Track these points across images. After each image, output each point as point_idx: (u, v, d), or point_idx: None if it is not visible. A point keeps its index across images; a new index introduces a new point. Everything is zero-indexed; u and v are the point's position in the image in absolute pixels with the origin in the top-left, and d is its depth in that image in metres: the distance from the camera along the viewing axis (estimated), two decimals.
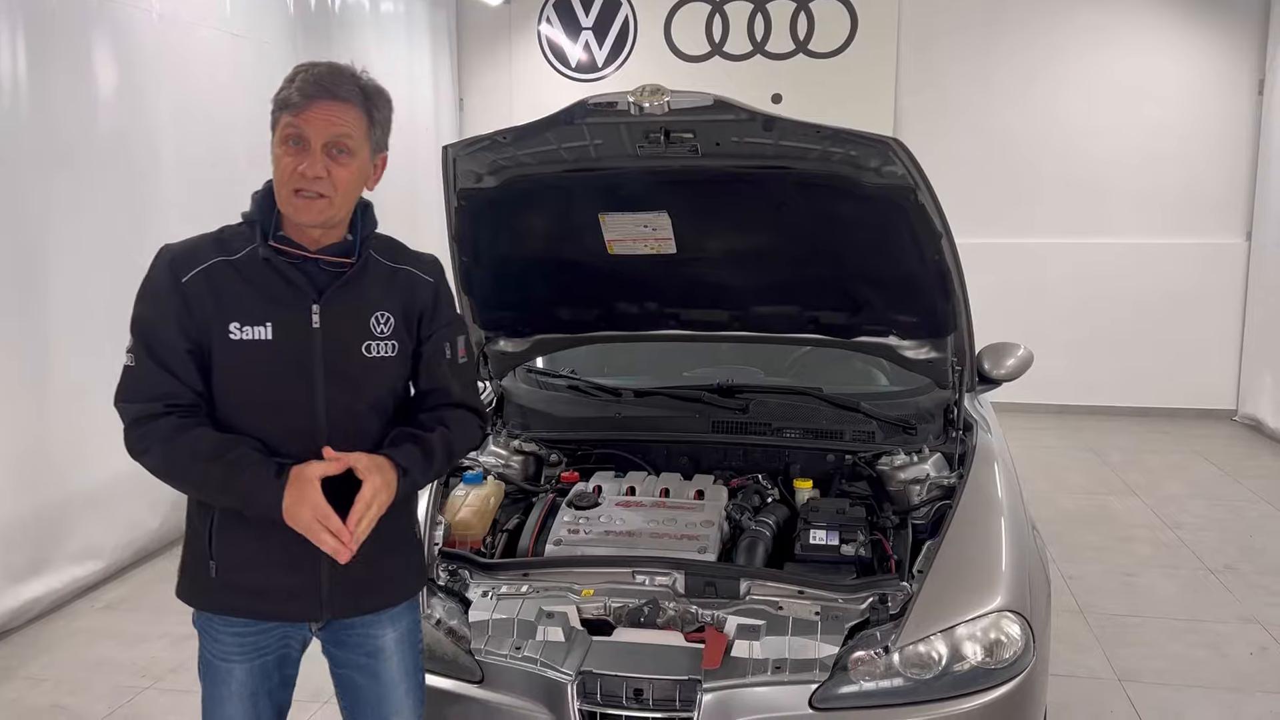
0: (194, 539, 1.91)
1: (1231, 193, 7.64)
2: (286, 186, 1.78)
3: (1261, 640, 3.87)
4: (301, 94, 1.75)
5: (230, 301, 1.80)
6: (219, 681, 1.93)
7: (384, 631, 1.99)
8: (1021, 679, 2.18)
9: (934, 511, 2.74)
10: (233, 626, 1.90)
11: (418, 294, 1.96)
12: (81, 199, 4.36)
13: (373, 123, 1.83)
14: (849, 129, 2.40)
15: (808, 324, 3.11)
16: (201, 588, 1.90)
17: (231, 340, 1.79)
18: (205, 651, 1.94)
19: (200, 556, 1.88)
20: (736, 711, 2.09)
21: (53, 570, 4.23)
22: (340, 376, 1.85)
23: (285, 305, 1.82)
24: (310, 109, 1.75)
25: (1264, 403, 7.27)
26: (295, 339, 1.82)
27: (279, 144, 1.78)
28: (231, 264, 1.82)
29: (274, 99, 1.79)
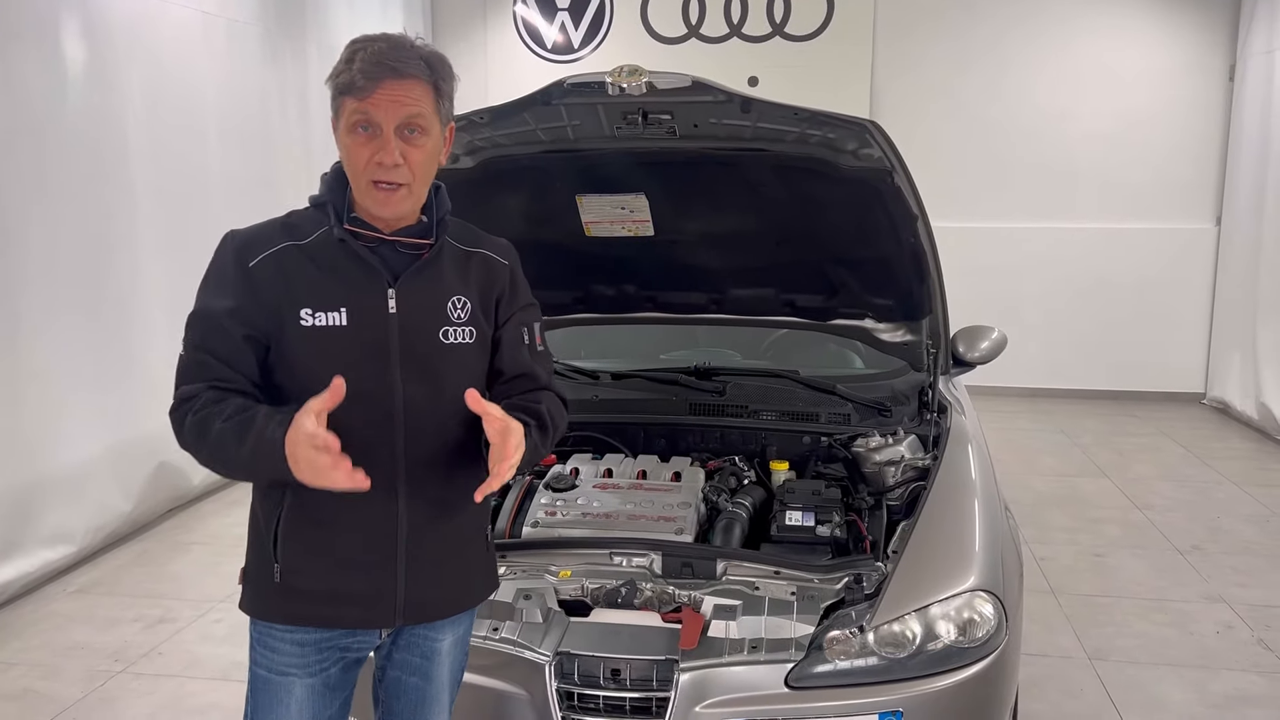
0: (257, 542, 1.78)
1: (1202, 178, 7.72)
2: (364, 177, 1.67)
3: (1227, 619, 3.93)
4: (365, 75, 1.62)
5: (302, 287, 1.69)
6: (276, 699, 1.77)
7: (444, 635, 1.91)
8: (994, 658, 2.21)
9: (908, 493, 2.76)
10: (294, 634, 1.76)
11: (494, 278, 1.87)
12: (49, 179, 4.29)
13: (440, 95, 1.72)
14: (827, 111, 2.41)
15: (784, 307, 3.13)
16: (264, 595, 1.76)
17: (304, 327, 1.68)
18: (259, 664, 1.79)
19: (264, 561, 1.75)
20: (713, 691, 2.11)
21: (23, 554, 4.18)
22: (417, 364, 1.74)
23: (360, 289, 1.71)
24: (377, 91, 1.63)
25: (1231, 386, 7.37)
26: (371, 324, 1.71)
27: (347, 132, 1.66)
28: (301, 249, 1.71)
29: (333, 82, 1.67)
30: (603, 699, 2.13)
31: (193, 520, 5.16)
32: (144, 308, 4.81)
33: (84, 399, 4.49)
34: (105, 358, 4.55)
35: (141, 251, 4.65)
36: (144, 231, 4.74)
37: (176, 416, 1.65)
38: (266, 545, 1.74)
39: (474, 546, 1.90)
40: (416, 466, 1.75)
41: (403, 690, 1.91)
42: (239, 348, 1.68)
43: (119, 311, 4.63)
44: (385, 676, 1.93)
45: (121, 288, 4.66)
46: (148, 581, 4.33)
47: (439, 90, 1.72)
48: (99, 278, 4.58)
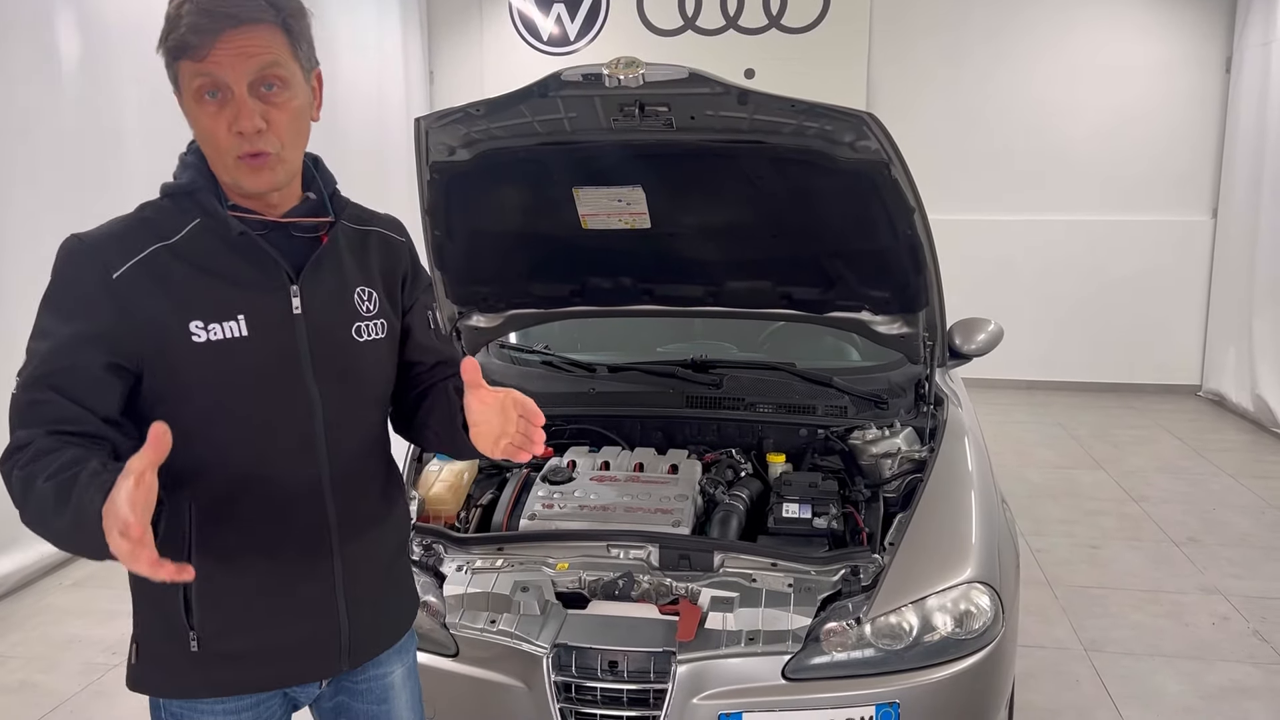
0: (152, 609, 1.48)
1: (1198, 170, 7.72)
2: (226, 154, 1.39)
3: (1223, 610, 3.95)
4: (198, 30, 1.32)
5: (186, 296, 1.40)
6: None
7: (394, 668, 1.68)
8: (991, 649, 2.22)
9: (905, 485, 2.76)
10: (225, 703, 1.50)
11: (395, 259, 1.63)
12: (42, 174, 4.28)
13: (293, 36, 1.41)
14: (824, 103, 2.40)
15: (781, 299, 3.12)
16: (179, 670, 1.48)
17: (195, 343, 1.38)
18: None
19: (172, 632, 1.46)
20: (710, 683, 2.11)
21: (20, 547, 4.18)
22: (334, 371, 1.50)
23: (257, 291, 1.44)
24: (216, 46, 1.33)
25: (1227, 378, 7.38)
26: (276, 332, 1.45)
27: (194, 102, 1.37)
28: (173, 249, 1.41)
29: (162, 46, 1.36)
30: (600, 691, 2.13)
31: None
32: None
33: None
34: None
35: None
36: None
37: (4, 469, 1.31)
38: (173, 612, 1.44)
39: (401, 561, 1.71)
40: (342, 481, 1.52)
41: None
42: (97, 380, 1.35)
43: None
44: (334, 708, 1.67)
45: None
46: None
47: (290, 31, 1.41)
48: None
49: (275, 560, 1.48)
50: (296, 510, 1.48)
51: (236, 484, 1.44)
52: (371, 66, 7.31)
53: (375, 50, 7.28)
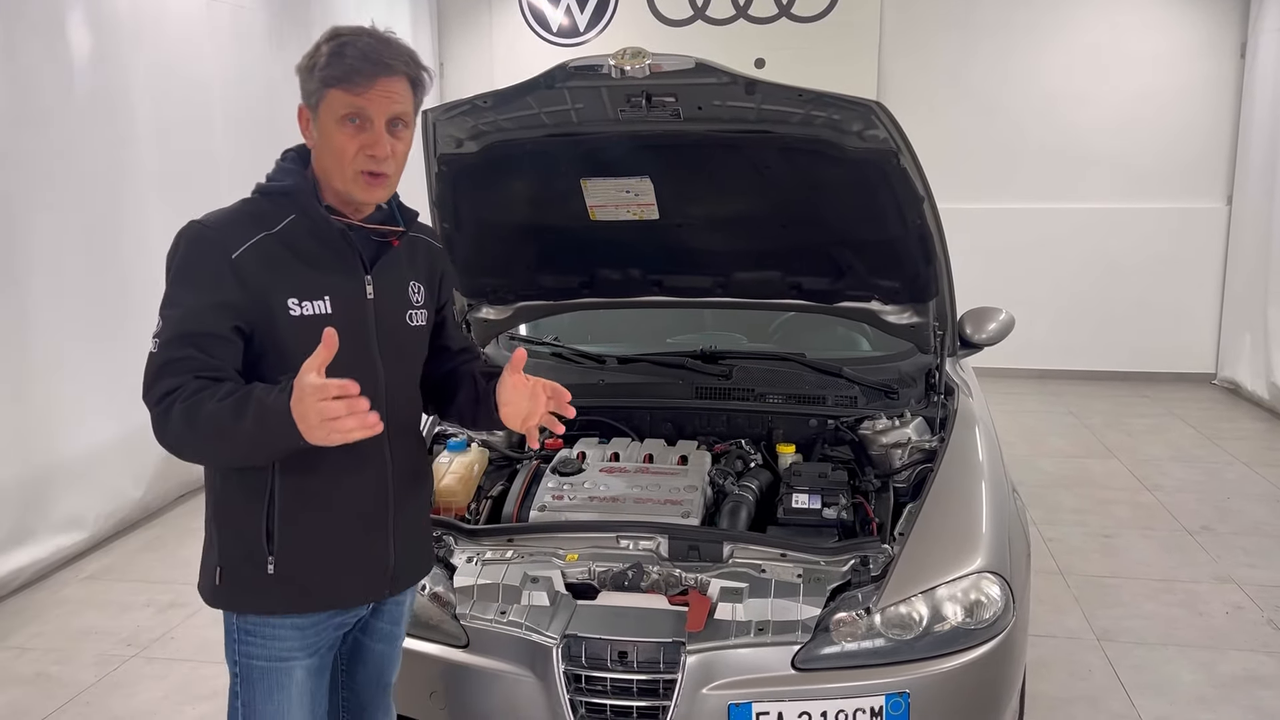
0: (236, 537, 1.76)
1: (1213, 157, 7.66)
2: (351, 167, 1.70)
3: (1237, 600, 3.93)
4: (360, 72, 1.66)
5: (285, 276, 1.70)
6: (276, 688, 1.77)
7: (407, 598, 2.03)
8: (1001, 639, 2.21)
9: (915, 475, 2.76)
10: (294, 619, 1.77)
11: (435, 261, 1.97)
12: (56, 167, 4.30)
13: (418, 91, 1.77)
14: (831, 93, 2.39)
15: (790, 290, 3.12)
16: (256, 590, 1.75)
17: (291, 317, 1.69)
18: (251, 660, 1.78)
19: (251, 556, 1.73)
20: (720, 673, 2.12)
21: (37, 540, 4.22)
22: (393, 348, 1.83)
23: (341, 277, 1.76)
24: (373, 88, 1.66)
25: (1242, 366, 7.33)
26: (353, 312, 1.76)
27: (336, 123, 1.68)
28: (275, 237, 1.71)
29: (313, 72, 1.68)
30: (610, 681, 2.14)
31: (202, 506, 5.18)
32: (152, 294, 4.79)
33: (94, 387, 4.50)
34: (115, 345, 4.57)
35: (149, 239, 4.65)
36: (151, 219, 4.74)
37: (160, 410, 1.59)
38: (255, 538, 1.73)
39: (429, 511, 2.06)
40: (398, 441, 1.84)
41: (368, 657, 1.99)
42: (226, 339, 1.66)
43: (127, 298, 4.64)
44: (348, 647, 1.98)
45: (129, 275, 4.66)
46: (159, 567, 4.36)
47: (418, 88, 1.76)
48: (107, 265, 4.59)
49: (345, 505, 1.78)
50: (366, 464, 1.78)
51: None
52: None
53: None
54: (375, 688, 2.04)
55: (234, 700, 1.81)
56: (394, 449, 1.83)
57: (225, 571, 1.77)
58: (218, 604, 1.80)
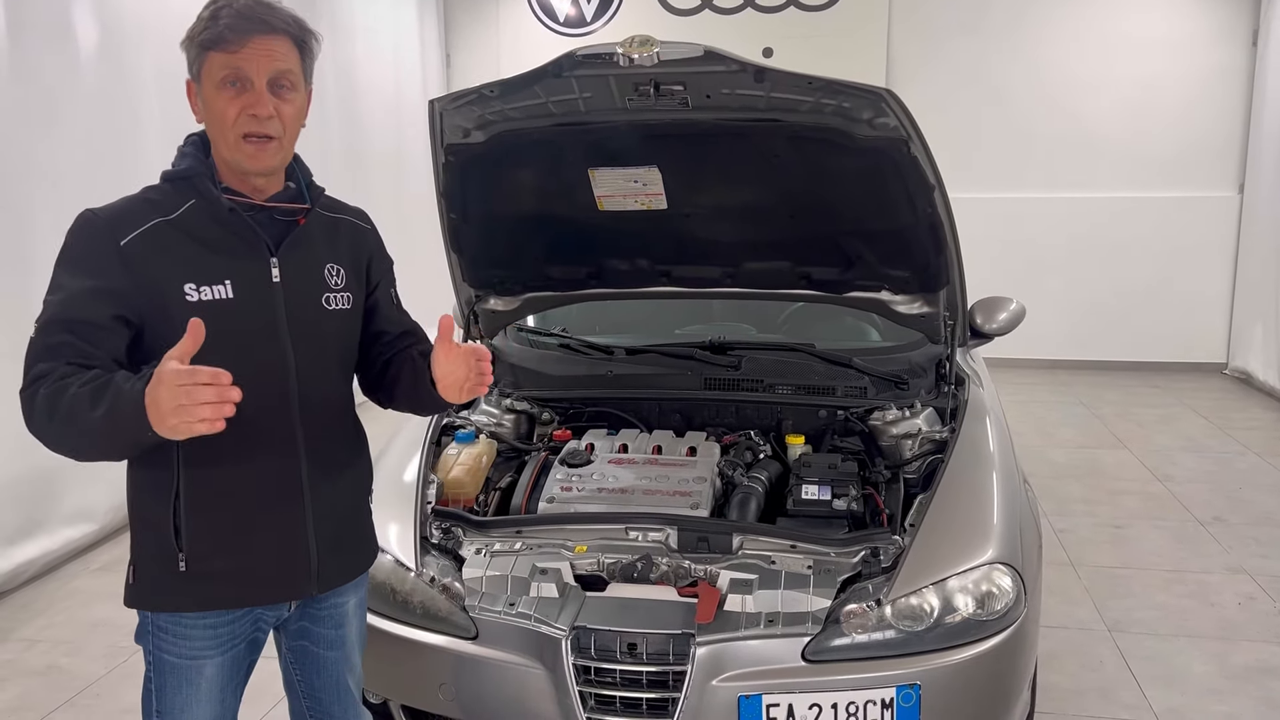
0: (148, 534, 1.71)
1: (1224, 145, 7.61)
2: (233, 131, 1.64)
3: (1249, 590, 3.91)
4: (234, 30, 1.60)
5: (181, 261, 1.64)
6: (185, 683, 1.75)
7: (349, 598, 1.94)
8: (1013, 630, 2.20)
9: (926, 465, 2.75)
10: (206, 618, 1.74)
11: (362, 244, 1.90)
12: (62, 164, 4.30)
13: (305, 53, 1.72)
14: (841, 80, 2.37)
15: (800, 280, 3.10)
16: (167, 587, 1.70)
17: (189, 303, 1.62)
18: (164, 654, 1.74)
19: (162, 552, 1.68)
20: (730, 665, 2.11)
21: (46, 533, 4.23)
22: (305, 333, 1.75)
23: (243, 260, 1.69)
24: (247, 45, 1.61)
25: (1254, 356, 7.29)
26: (257, 296, 1.70)
27: (215, 87, 1.63)
28: (172, 224, 1.66)
29: (194, 39, 1.63)
30: (619, 673, 2.13)
31: None
32: None
33: None
34: None
35: None
36: None
37: (27, 395, 1.55)
38: (163, 534, 1.68)
39: (364, 507, 1.96)
40: (313, 431, 1.77)
41: (322, 665, 1.93)
42: (106, 327, 1.60)
43: None
44: (299, 654, 1.93)
45: None
46: None
47: (305, 48, 1.71)
48: None
49: (253, 496, 1.72)
50: (273, 454, 1.72)
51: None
52: (388, 50, 7.30)
53: (391, 34, 7.26)
54: (336, 692, 1.97)
55: (148, 684, 1.78)
56: (308, 437, 1.76)
57: (138, 569, 1.72)
58: (132, 603, 1.74)
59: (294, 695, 1.99)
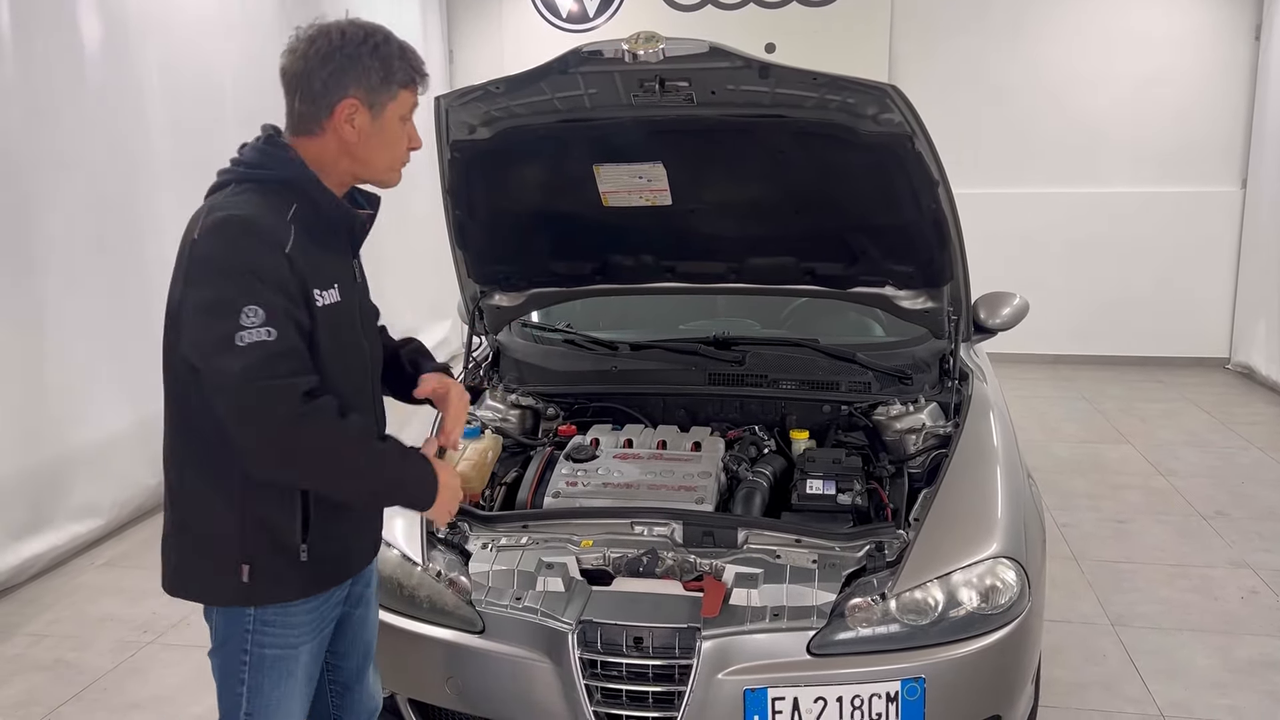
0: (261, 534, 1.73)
1: (1227, 140, 7.60)
2: (399, 160, 1.82)
3: (1252, 584, 3.92)
4: (420, 74, 1.79)
5: (312, 268, 1.69)
6: (285, 675, 1.79)
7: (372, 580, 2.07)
8: (1017, 624, 2.21)
9: (930, 460, 2.75)
10: (310, 602, 1.80)
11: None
12: (69, 159, 4.31)
13: None
14: (846, 76, 2.38)
15: (804, 275, 3.11)
16: (285, 578, 1.75)
17: (318, 307, 1.70)
18: (264, 649, 1.77)
19: (284, 546, 1.73)
20: (735, 658, 2.12)
21: (53, 528, 4.24)
22: (369, 326, 1.92)
23: (342, 263, 1.81)
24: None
25: (1256, 351, 7.29)
26: (351, 296, 1.80)
27: (399, 121, 1.78)
28: (300, 228, 1.69)
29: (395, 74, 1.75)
30: (625, 667, 2.15)
31: None
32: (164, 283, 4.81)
33: (108, 374, 4.52)
34: (128, 333, 4.58)
35: (161, 229, 4.66)
36: (163, 209, 4.75)
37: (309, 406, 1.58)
38: (288, 527, 1.72)
39: None
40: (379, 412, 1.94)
41: (348, 624, 2.00)
42: (305, 329, 1.66)
43: (140, 287, 4.65)
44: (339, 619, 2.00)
45: (142, 264, 4.67)
46: None
47: None
48: (119, 255, 4.60)
49: None
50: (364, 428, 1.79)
51: None
52: None
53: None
54: (359, 657, 2.04)
55: (237, 687, 1.78)
56: (378, 419, 1.92)
57: (254, 566, 1.73)
58: (243, 601, 1.75)
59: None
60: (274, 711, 1.79)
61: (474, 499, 2.69)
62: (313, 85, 1.71)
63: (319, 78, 1.70)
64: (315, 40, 1.72)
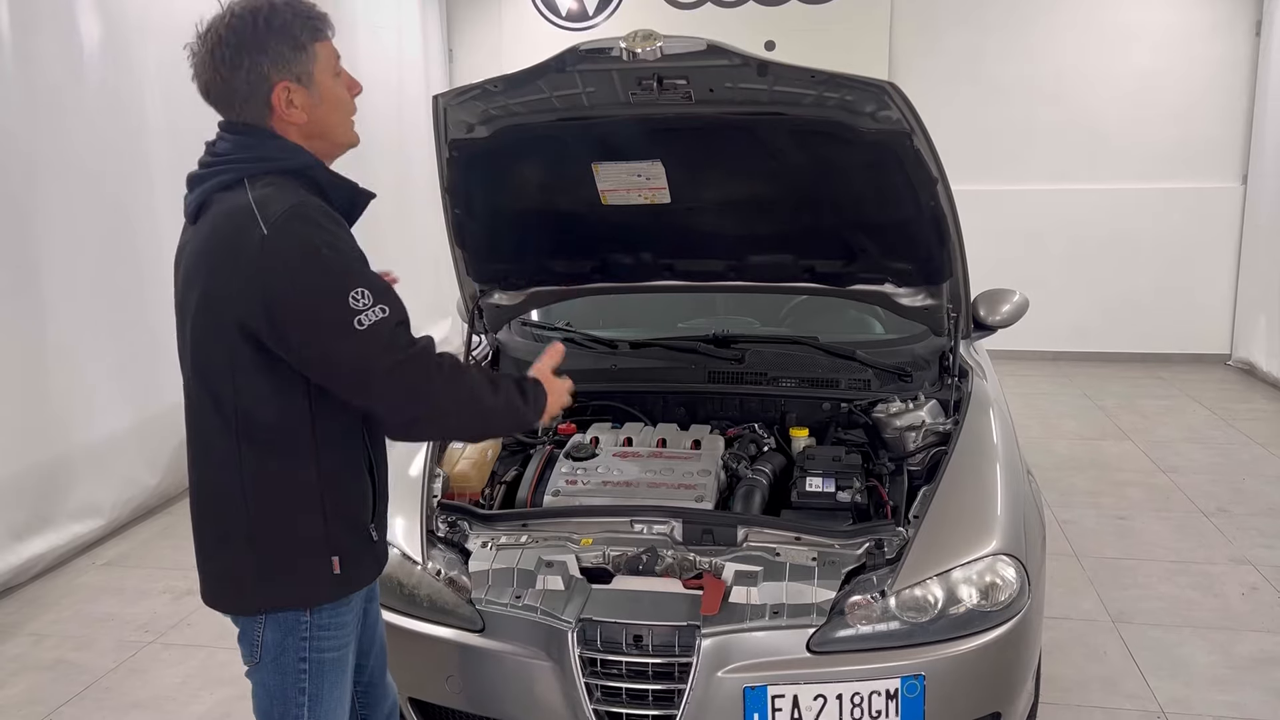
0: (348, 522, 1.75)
1: (1228, 136, 7.59)
2: (349, 115, 1.74)
3: (1253, 580, 3.91)
4: (324, 20, 1.70)
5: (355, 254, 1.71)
6: (341, 676, 1.79)
7: None
8: (1016, 621, 2.21)
9: (929, 457, 2.75)
10: (352, 600, 1.80)
11: None
12: (69, 160, 4.31)
13: None
14: (844, 73, 2.37)
15: (803, 273, 3.10)
16: (366, 561, 1.79)
17: None
18: (323, 654, 1.75)
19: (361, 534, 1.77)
20: (735, 656, 2.12)
21: (54, 528, 4.25)
22: None
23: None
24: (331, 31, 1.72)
25: (1257, 347, 7.29)
26: None
27: (333, 76, 1.71)
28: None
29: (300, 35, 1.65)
30: (625, 665, 2.15)
31: None
32: (165, 283, 4.79)
33: (108, 375, 4.52)
34: (128, 334, 4.59)
35: (161, 229, 4.66)
36: (163, 209, 4.75)
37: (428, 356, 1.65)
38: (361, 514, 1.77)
39: None
40: None
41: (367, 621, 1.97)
42: None
43: (140, 288, 4.66)
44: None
45: (142, 265, 4.68)
46: (175, 553, 4.38)
47: None
48: (120, 255, 4.60)
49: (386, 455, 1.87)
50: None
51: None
52: (391, 45, 7.29)
53: (394, 29, 7.25)
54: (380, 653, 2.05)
55: (297, 698, 1.74)
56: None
57: (345, 557, 1.74)
58: (335, 595, 1.75)
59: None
60: (331, 717, 1.78)
61: (474, 498, 2.69)
62: (239, 91, 1.65)
63: (241, 80, 1.64)
64: (214, 49, 1.63)
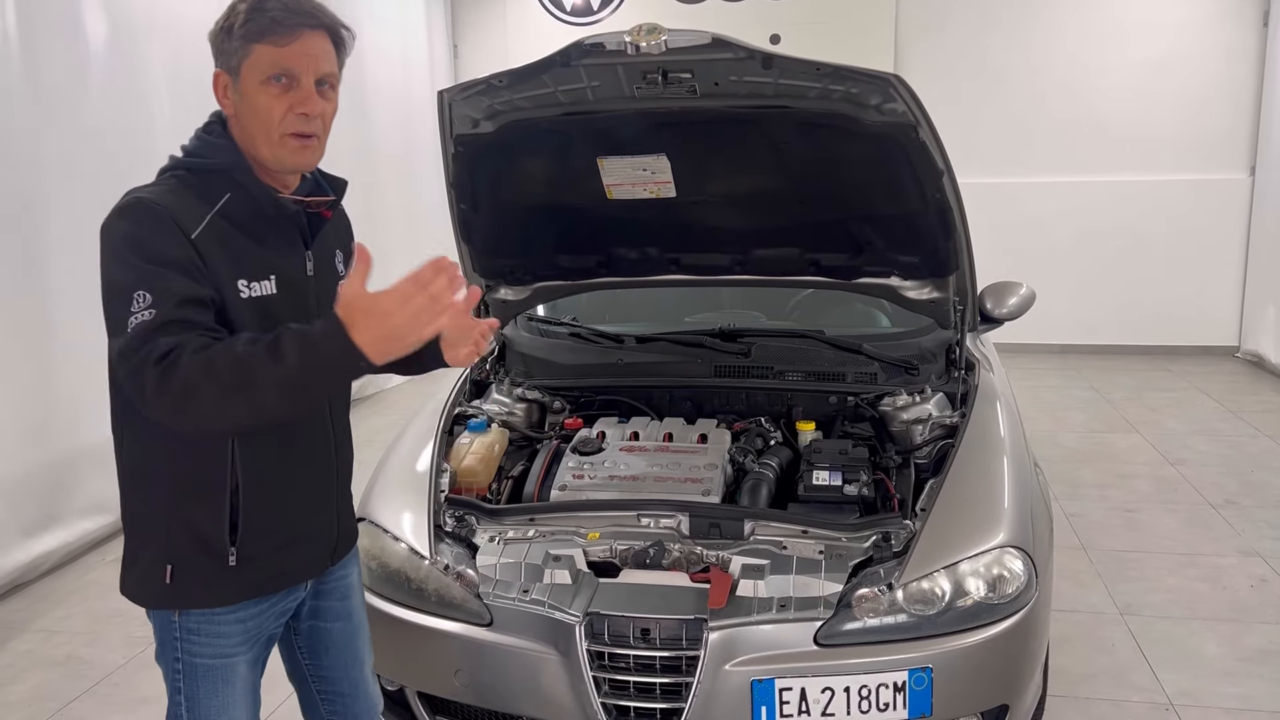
0: (185, 535, 1.66)
1: (1235, 127, 7.56)
2: (278, 130, 1.60)
3: (1262, 573, 3.90)
4: (282, 24, 1.56)
5: (235, 257, 1.60)
6: (221, 683, 1.71)
7: (352, 570, 1.97)
8: (1024, 614, 2.21)
9: (936, 450, 2.75)
10: (237, 611, 1.70)
11: (348, 225, 1.92)
12: (75, 157, 4.31)
13: (341, 53, 1.69)
14: (849, 66, 2.37)
15: (809, 266, 3.10)
16: (210, 583, 1.67)
17: (243, 300, 1.60)
18: (195, 657, 1.69)
19: (210, 549, 1.65)
20: (742, 649, 2.12)
21: (63, 525, 4.26)
22: None
23: (284, 256, 1.69)
24: (296, 40, 1.57)
25: (1266, 338, 7.26)
26: (295, 291, 1.69)
27: (260, 83, 1.58)
28: (222, 217, 1.61)
29: (232, 30, 1.58)
30: (633, 658, 2.15)
31: None
32: None
33: None
34: None
35: None
36: None
37: (160, 368, 1.42)
38: (216, 530, 1.64)
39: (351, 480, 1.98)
40: (337, 407, 1.85)
41: (330, 641, 1.93)
42: (207, 308, 1.53)
43: None
44: (309, 637, 1.92)
45: None
46: None
47: (341, 44, 1.68)
48: None
49: (297, 480, 1.74)
50: (313, 436, 1.77)
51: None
52: (396, 41, 7.30)
53: (399, 24, 7.25)
54: (349, 669, 1.96)
55: (175, 695, 1.72)
56: (335, 421, 1.83)
57: (177, 568, 1.66)
58: (164, 604, 1.69)
59: (303, 684, 1.98)
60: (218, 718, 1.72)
61: (481, 492, 2.70)
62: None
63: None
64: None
